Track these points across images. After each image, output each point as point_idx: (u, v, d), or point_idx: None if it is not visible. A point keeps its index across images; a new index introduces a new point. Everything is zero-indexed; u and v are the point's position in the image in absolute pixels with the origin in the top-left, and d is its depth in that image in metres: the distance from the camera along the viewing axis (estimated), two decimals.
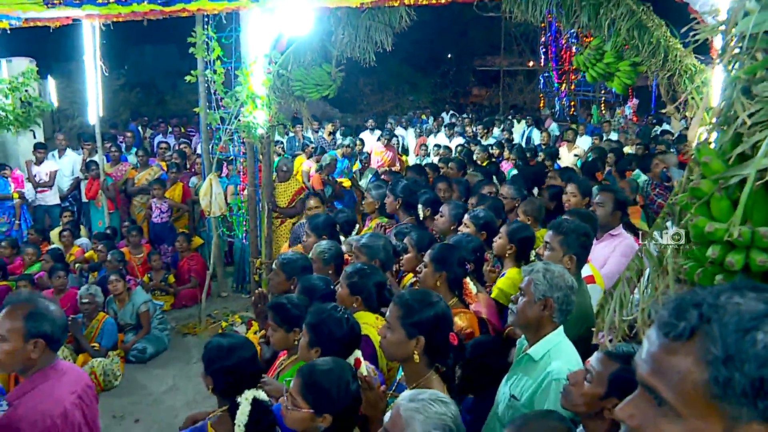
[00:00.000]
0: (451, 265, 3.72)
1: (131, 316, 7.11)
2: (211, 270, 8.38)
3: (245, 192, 8.03)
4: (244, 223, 8.22)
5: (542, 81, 25.26)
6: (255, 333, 4.68)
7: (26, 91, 10.76)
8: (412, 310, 2.74)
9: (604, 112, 21.04)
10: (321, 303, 3.26)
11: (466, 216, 4.91)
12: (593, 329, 2.86)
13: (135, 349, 6.95)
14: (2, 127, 10.53)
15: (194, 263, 8.56)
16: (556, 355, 2.81)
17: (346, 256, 4.49)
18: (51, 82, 11.87)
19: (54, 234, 9.11)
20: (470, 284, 3.90)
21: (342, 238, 5.35)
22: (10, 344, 2.66)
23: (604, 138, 12.26)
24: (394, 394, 2.90)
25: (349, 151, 10.77)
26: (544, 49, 24.85)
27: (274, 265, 4.37)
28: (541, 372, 2.77)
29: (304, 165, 10.47)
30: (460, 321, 3.56)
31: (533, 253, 4.31)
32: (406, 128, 15.61)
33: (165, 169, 9.74)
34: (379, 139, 12.08)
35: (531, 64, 25.16)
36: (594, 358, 2.38)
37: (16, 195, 9.63)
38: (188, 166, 10.28)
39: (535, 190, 7.05)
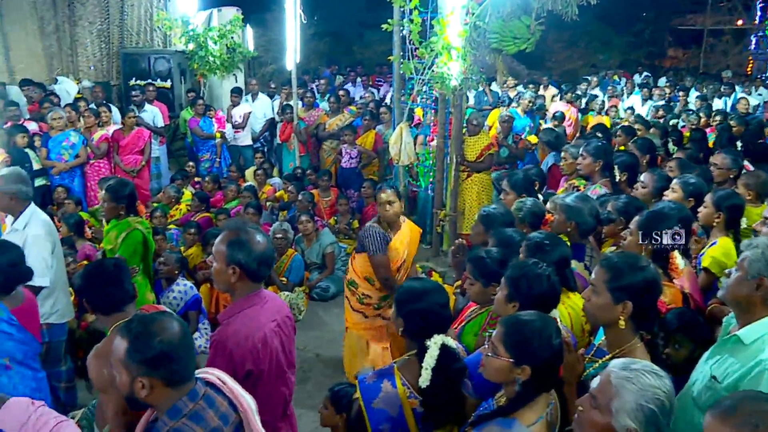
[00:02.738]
0: (659, 236, 3.49)
1: (317, 256, 7.42)
2: None
3: (434, 143, 8.05)
4: (430, 173, 8.27)
5: (754, 42, 22.85)
6: None
7: (232, 38, 11.42)
8: (620, 273, 2.63)
9: None
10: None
11: (675, 180, 4.61)
12: None
13: (319, 287, 7.27)
14: (210, 71, 11.29)
15: None
16: None
17: (547, 216, 4.37)
18: (249, 31, 12.45)
19: (249, 173, 9.67)
20: (677, 258, 3.65)
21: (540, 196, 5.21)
22: (217, 264, 2.89)
23: None
24: (592, 358, 2.82)
25: (530, 105, 10.45)
26: (762, 4, 22.35)
27: (476, 217, 4.33)
28: (752, 358, 2.53)
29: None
30: (662, 296, 3.36)
31: (749, 230, 3.99)
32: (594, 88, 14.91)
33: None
34: (561, 97, 11.64)
35: (740, 22, 22.94)
36: None
37: (218, 135, 10.30)
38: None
39: None
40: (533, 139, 9.63)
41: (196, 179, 9.39)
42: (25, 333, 3.52)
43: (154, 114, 10.16)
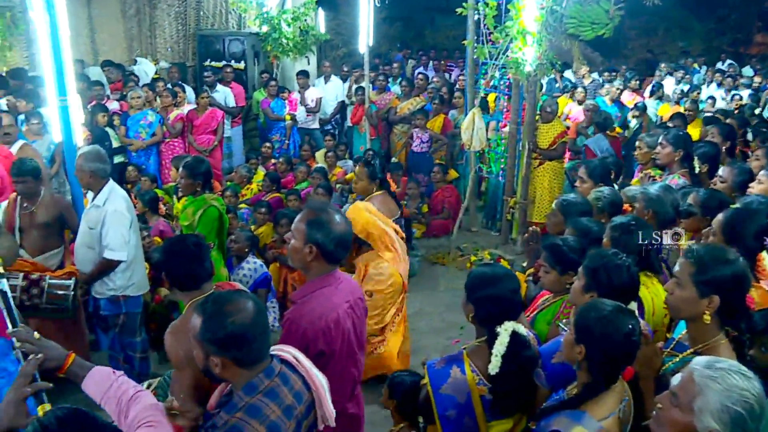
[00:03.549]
0: (745, 237, 3.27)
1: None
2: (466, 203, 8.48)
3: (506, 129, 7.95)
4: (502, 160, 8.18)
5: None
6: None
7: (305, 21, 11.49)
8: (706, 267, 2.52)
9: None
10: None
11: (762, 172, 4.40)
12: None
13: None
14: (283, 53, 11.40)
15: (448, 195, 8.70)
16: None
17: (625, 206, 4.25)
18: (320, 14, 12.50)
19: (319, 155, 9.74)
20: (765, 259, 3.47)
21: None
22: (295, 242, 2.89)
23: None
24: (672, 352, 2.72)
25: (618, 94, 10.18)
26: None
27: (553, 205, 4.26)
28: None
29: (567, 107, 10.12)
30: (751, 295, 3.21)
31: None
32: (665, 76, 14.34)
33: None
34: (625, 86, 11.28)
35: None
36: None
37: (288, 117, 10.41)
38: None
39: None
40: (621, 129, 9.39)
41: (272, 161, 9.50)
42: None
43: (225, 94, 10.33)
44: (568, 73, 12.81)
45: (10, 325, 2.34)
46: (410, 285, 7.22)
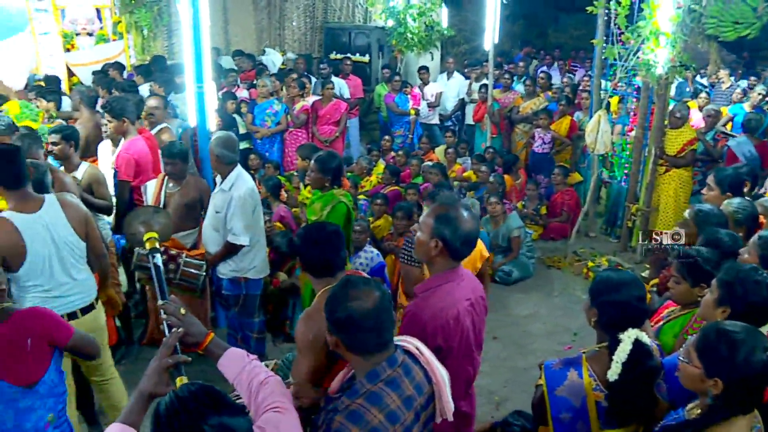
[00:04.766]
0: None
1: (503, 239, 7.37)
2: (586, 208, 8.29)
3: (632, 133, 7.70)
4: (626, 165, 7.93)
5: None
6: None
7: (430, 16, 11.54)
8: None
9: None
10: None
11: None
12: None
13: (502, 270, 7.24)
14: (408, 48, 11.50)
15: (568, 198, 8.52)
16: None
17: (761, 218, 4.04)
18: (443, 10, 12.52)
19: (439, 151, 9.76)
20: None
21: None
22: (422, 235, 2.91)
23: None
24: None
25: (761, 100, 9.62)
26: None
27: (686, 214, 4.08)
28: None
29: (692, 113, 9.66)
30: None
31: None
32: None
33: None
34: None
35: None
36: None
37: (412, 111, 10.49)
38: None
39: None
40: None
41: (392, 154, 9.60)
42: None
43: (339, 86, 10.48)
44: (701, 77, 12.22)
45: (160, 298, 2.48)
46: (524, 287, 7.23)
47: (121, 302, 4.89)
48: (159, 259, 2.67)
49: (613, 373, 2.59)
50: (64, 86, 9.31)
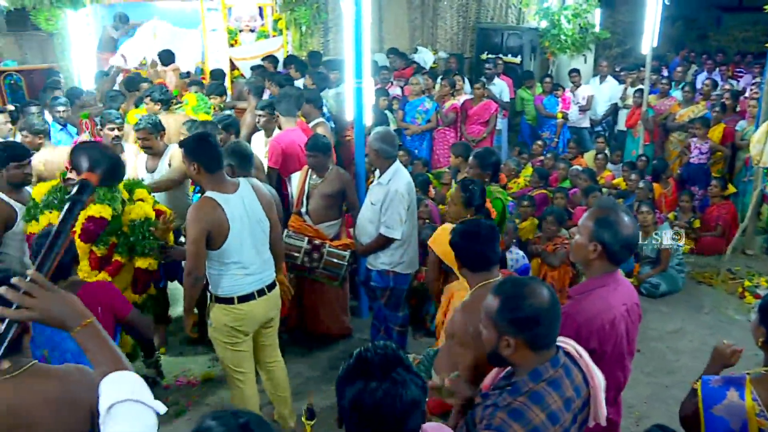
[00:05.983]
0: None
1: (652, 250, 7.16)
2: (744, 223, 7.87)
3: None
4: None
5: None
6: None
7: (585, 18, 11.32)
8: None
9: None
10: None
11: None
12: None
13: (649, 282, 7.03)
14: (561, 50, 11.35)
15: (724, 211, 8.11)
16: None
17: None
18: (596, 12, 12.23)
19: (589, 156, 9.55)
20: None
21: None
22: (580, 238, 2.91)
23: None
24: None
25: None
26: None
27: None
28: None
29: None
30: None
31: None
32: None
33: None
34: None
35: None
36: None
37: (560, 115, 10.36)
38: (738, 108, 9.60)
39: None
40: None
41: (540, 157, 9.53)
42: None
43: (501, 88, 10.51)
44: None
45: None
46: (672, 301, 6.98)
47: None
48: (80, 204, 2.18)
49: None
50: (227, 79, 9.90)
